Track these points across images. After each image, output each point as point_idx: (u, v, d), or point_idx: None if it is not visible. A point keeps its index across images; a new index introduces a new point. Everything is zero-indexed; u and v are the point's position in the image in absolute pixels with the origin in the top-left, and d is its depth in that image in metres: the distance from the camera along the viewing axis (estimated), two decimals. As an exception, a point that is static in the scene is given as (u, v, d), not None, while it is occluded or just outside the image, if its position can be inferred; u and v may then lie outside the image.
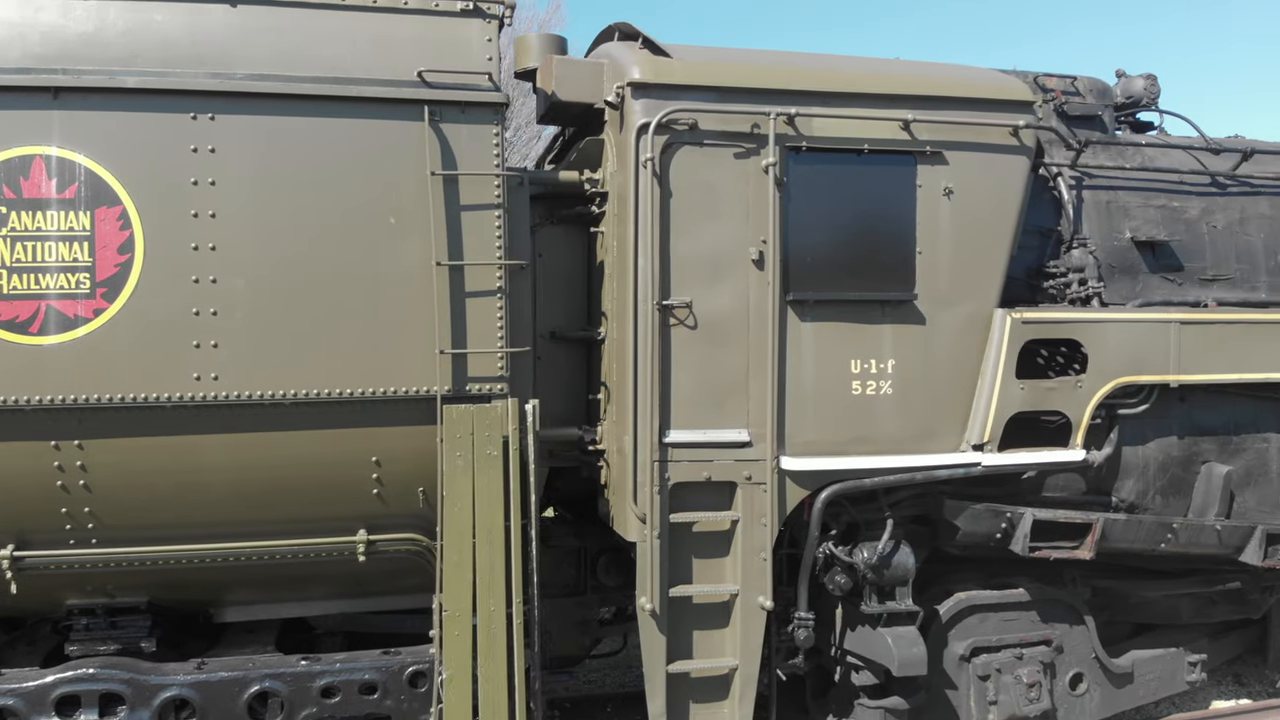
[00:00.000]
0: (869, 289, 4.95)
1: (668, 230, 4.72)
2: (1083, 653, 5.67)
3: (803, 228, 4.87)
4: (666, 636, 4.80)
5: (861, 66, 5.10)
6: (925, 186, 5.00)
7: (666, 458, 4.75)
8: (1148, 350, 5.26)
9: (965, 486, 5.26)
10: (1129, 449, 5.47)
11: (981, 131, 5.05)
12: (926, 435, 5.04)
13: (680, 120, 4.70)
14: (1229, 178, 6.01)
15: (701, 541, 4.88)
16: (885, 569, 5.05)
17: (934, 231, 5.02)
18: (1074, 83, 5.97)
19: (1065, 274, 5.52)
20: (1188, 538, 5.50)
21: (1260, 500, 5.71)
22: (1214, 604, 6.24)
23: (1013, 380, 5.04)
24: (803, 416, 4.89)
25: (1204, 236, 5.85)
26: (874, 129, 4.92)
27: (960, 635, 5.44)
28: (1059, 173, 5.67)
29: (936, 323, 5.04)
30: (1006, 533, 5.23)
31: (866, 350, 4.96)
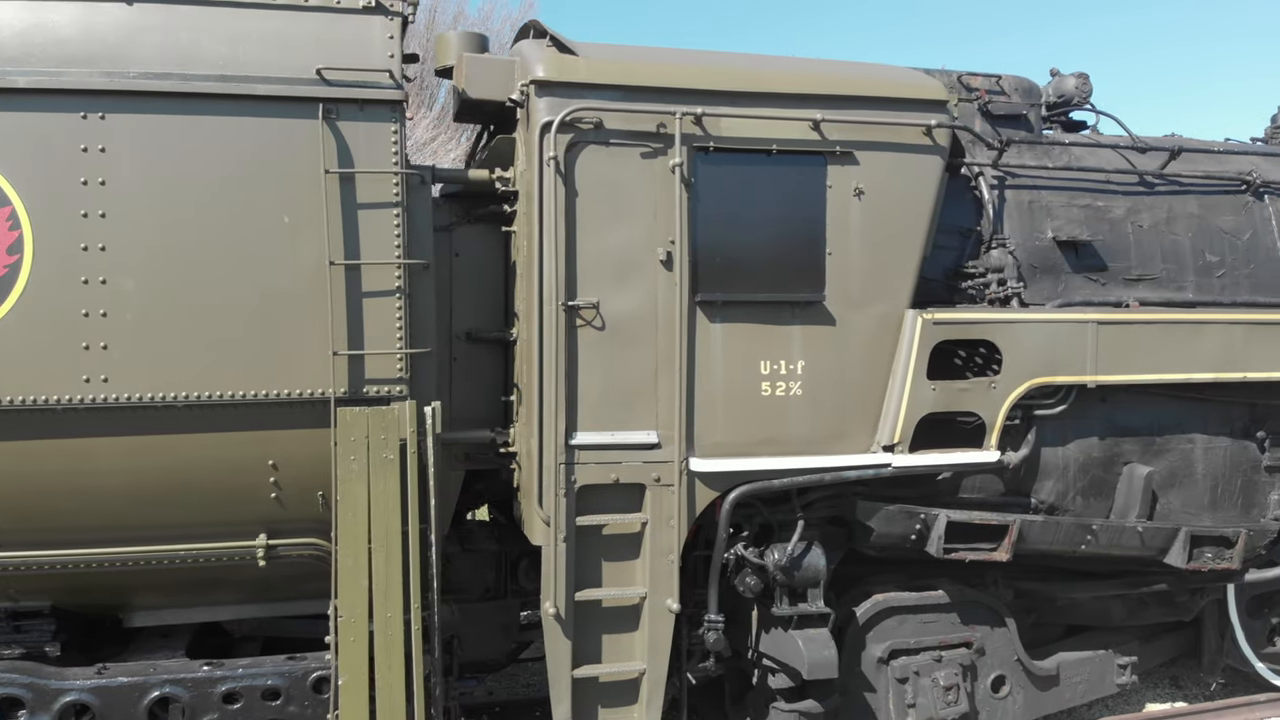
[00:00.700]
0: (779, 290, 4.91)
1: (573, 230, 4.67)
2: (1005, 655, 5.64)
3: (712, 228, 4.83)
4: (572, 641, 4.75)
5: (771, 65, 5.05)
6: (835, 187, 4.95)
7: (573, 460, 4.70)
8: (1064, 351, 5.23)
9: (882, 488, 5.22)
10: (1048, 450, 5.44)
11: (893, 131, 5.01)
12: (837, 436, 5.00)
13: (584, 119, 4.65)
14: (1157, 177, 5.99)
15: (611, 544, 4.83)
16: (796, 571, 5.01)
17: (844, 232, 4.98)
18: (999, 82, 5.93)
19: (984, 274, 5.48)
20: (1108, 539, 5.48)
21: (1185, 502, 5.69)
22: (1146, 606, 6.22)
23: (924, 381, 5.01)
24: (712, 418, 4.85)
25: (1129, 236, 5.82)
26: (783, 129, 4.88)
27: (878, 637, 5.41)
28: (980, 172, 5.64)
29: (847, 324, 5.00)
30: (921, 534, 5.19)
31: (776, 351, 4.92)
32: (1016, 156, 5.84)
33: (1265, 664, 6.50)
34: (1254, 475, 5.85)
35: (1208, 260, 5.93)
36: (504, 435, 5.05)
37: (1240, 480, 5.80)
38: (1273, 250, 6.08)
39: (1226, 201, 6.09)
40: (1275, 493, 5.90)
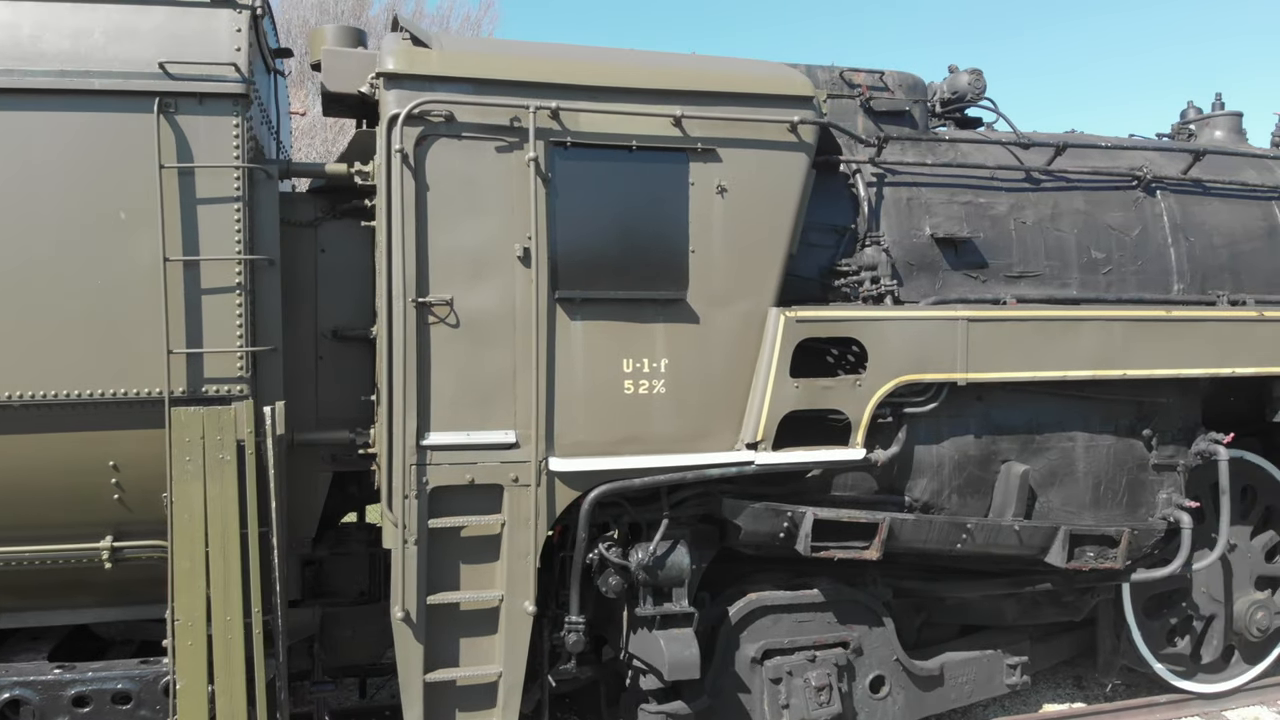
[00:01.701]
0: (641, 287, 4.84)
1: (424, 224, 4.60)
2: (884, 655, 5.59)
3: (571, 224, 4.76)
4: (425, 644, 4.67)
5: (633, 60, 5.00)
6: (698, 184, 4.90)
7: (425, 461, 4.62)
8: (932, 348, 5.18)
9: (752, 485, 5.17)
10: (922, 448, 5.40)
11: (756, 128, 4.96)
12: (701, 434, 4.94)
13: (434, 112, 4.58)
14: (1044, 173, 5.96)
15: (470, 546, 4.76)
16: (660, 570, 4.96)
17: (707, 230, 4.92)
18: (882, 77, 5.89)
19: (857, 272, 5.44)
20: (985, 538, 5.44)
21: (1065, 500, 5.65)
22: (1039, 606, 6.19)
23: (786, 379, 4.95)
24: (572, 416, 4.78)
25: (1011, 233, 5.79)
26: (644, 125, 4.82)
27: (752, 637, 5.35)
28: (858, 169, 5.60)
29: (711, 321, 4.94)
30: (790, 532, 5.14)
31: (639, 349, 4.86)
32: (900, 154, 5.80)
33: (1165, 665, 6.47)
34: (1141, 474, 5.81)
35: (1093, 257, 5.91)
36: (364, 436, 4.98)
37: (1126, 479, 5.76)
38: (1163, 247, 6.06)
39: (1116, 197, 6.06)
40: (1164, 491, 5.86)
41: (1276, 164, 6.76)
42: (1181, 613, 6.46)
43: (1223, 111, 7.26)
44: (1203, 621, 6.52)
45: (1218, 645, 6.57)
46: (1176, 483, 5.88)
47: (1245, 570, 6.56)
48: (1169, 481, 5.87)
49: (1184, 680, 6.54)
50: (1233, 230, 6.26)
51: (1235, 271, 6.20)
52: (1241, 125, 7.28)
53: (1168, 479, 5.87)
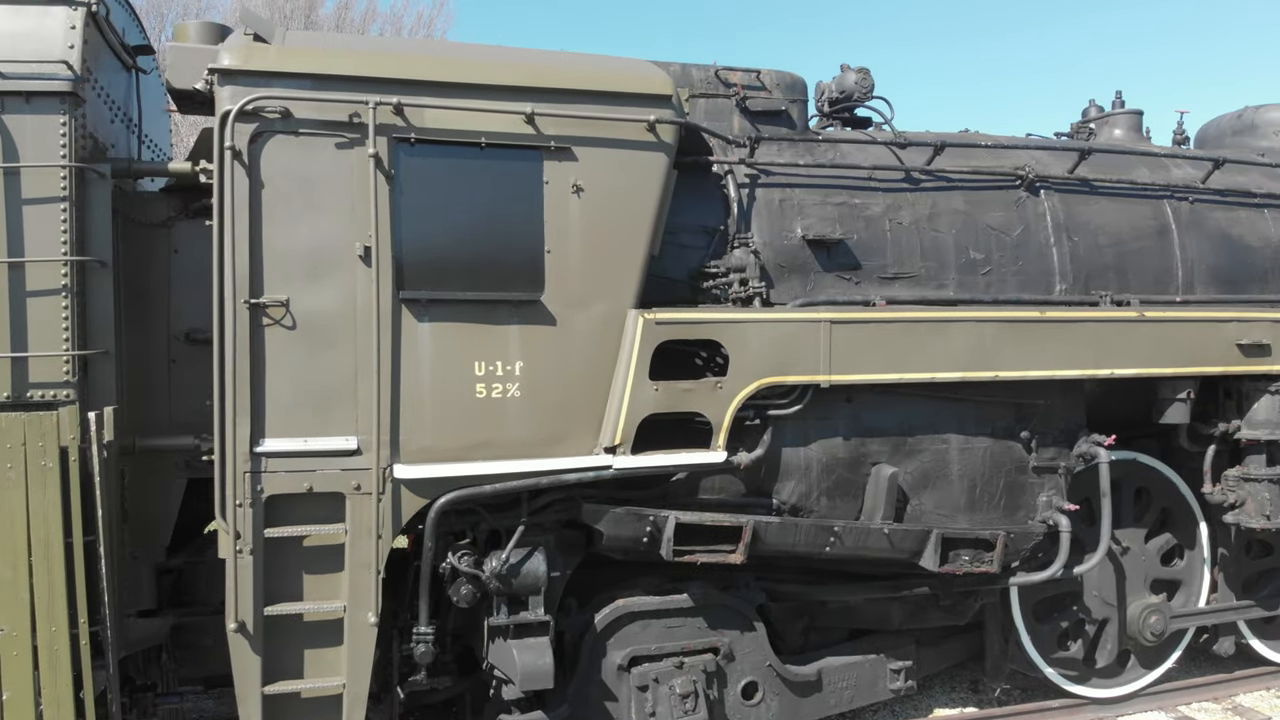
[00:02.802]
0: (493, 288, 4.75)
1: (259, 223, 4.48)
2: (757, 660, 5.51)
3: (418, 223, 4.66)
4: (263, 656, 4.54)
5: (481, 56, 4.90)
6: (553, 183, 4.81)
7: (260, 468, 4.50)
8: (795, 350, 5.11)
9: (616, 490, 5.09)
10: (789, 450, 5.33)
11: (613, 126, 4.87)
12: (558, 439, 4.85)
13: (269, 108, 4.47)
14: (924, 173, 5.90)
15: (312, 556, 4.64)
16: (514, 578, 4.86)
17: (564, 230, 4.83)
18: (759, 76, 5.82)
19: (726, 274, 5.36)
20: (854, 541, 5.37)
21: (939, 503, 5.59)
22: (925, 609, 6.13)
23: (645, 382, 4.86)
24: (420, 421, 4.67)
25: (886, 234, 5.73)
26: (494, 121, 4.72)
27: (619, 644, 5.26)
28: (730, 170, 5.52)
29: (568, 323, 4.85)
30: (654, 536, 5.05)
31: (492, 352, 4.76)
32: (775, 154, 5.73)
33: (1056, 669, 6.42)
34: (1019, 476, 5.76)
35: (972, 257, 5.85)
36: (209, 441, 4.85)
37: (1003, 481, 5.71)
38: (1045, 247, 6.01)
39: (997, 197, 6.01)
40: (1045, 494, 5.81)
41: (1172, 162, 6.73)
42: (1073, 616, 6.41)
43: (1122, 110, 7.25)
44: (1095, 625, 6.46)
45: (1112, 649, 6.51)
46: (1058, 485, 5.83)
47: (1139, 573, 6.52)
48: (1050, 484, 5.82)
49: (1077, 685, 6.48)
50: (1120, 229, 6.22)
51: (1122, 271, 6.15)
52: (1141, 124, 7.27)
53: (1049, 481, 5.82)
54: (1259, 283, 6.59)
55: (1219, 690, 6.91)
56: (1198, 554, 6.72)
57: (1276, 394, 6.15)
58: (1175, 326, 5.78)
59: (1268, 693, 7.00)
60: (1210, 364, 5.89)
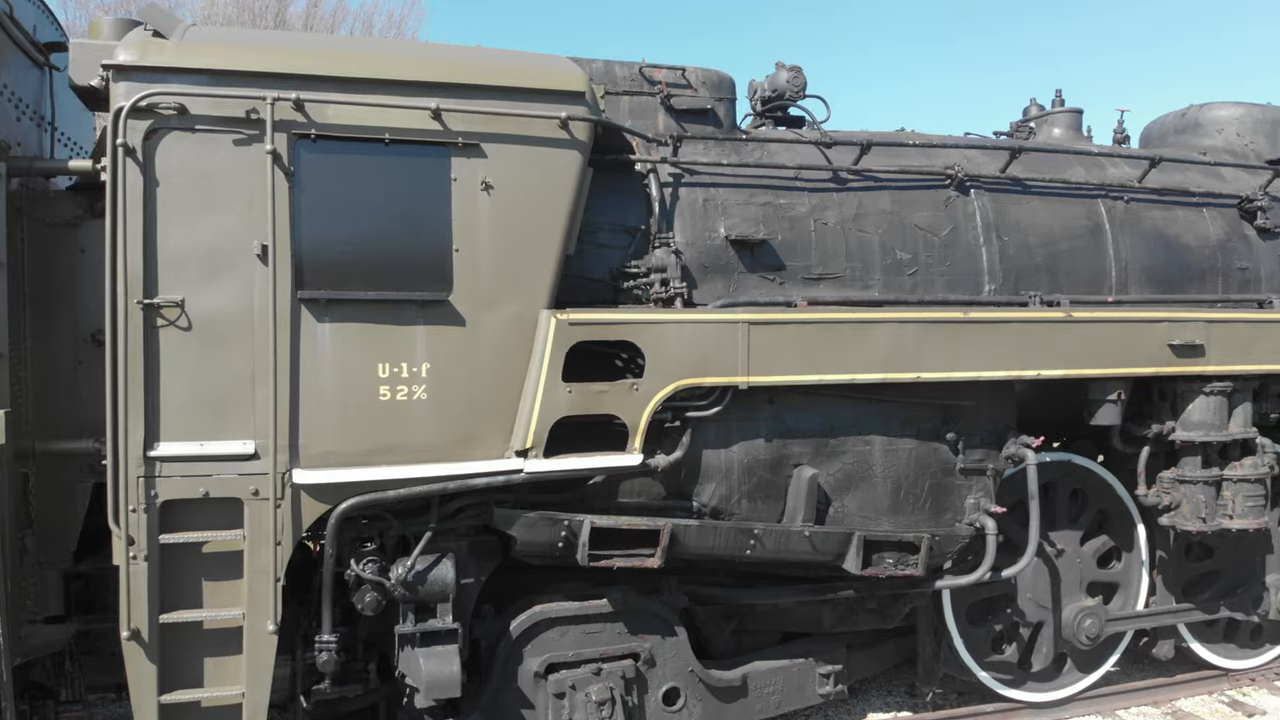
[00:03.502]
0: (398, 288, 4.65)
1: (153, 222, 4.37)
2: (679, 666, 5.42)
3: (318, 221, 4.55)
4: (159, 665, 4.43)
5: (386, 50, 4.81)
6: (461, 180, 4.71)
7: (154, 473, 4.39)
8: (713, 352, 5.02)
9: (531, 494, 5.00)
10: (710, 452, 5.24)
11: (525, 123, 4.78)
12: (467, 442, 4.75)
13: (163, 104, 4.36)
14: (852, 173, 5.83)
15: (211, 562, 4.52)
16: (421, 585, 4.76)
17: (472, 228, 4.73)
18: (684, 74, 5.73)
19: (647, 274, 5.27)
20: (775, 544, 5.29)
21: (862, 505, 5.52)
22: (856, 612, 6.06)
23: (558, 384, 4.77)
24: (320, 425, 4.56)
25: (811, 234, 5.65)
26: (399, 117, 4.62)
27: (536, 650, 5.17)
28: (653, 169, 5.43)
29: (477, 324, 4.75)
30: (569, 541, 4.96)
31: (397, 353, 4.66)
32: (701, 153, 5.65)
33: (991, 673, 6.36)
34: (945, 478, 5.69)
35: (898, 258, 5.78)
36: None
37: (929, 483, 5.64)
38: (974, 247, 5.95)
39: (926, 197, 5.94)
40: (972, 496, 5.75)
41: (1109, 161, 6.68)
42: (1007, 619, 6.35)
43: (1062, 109, 7.21)
44: (1030, 628, 6.41)
45: (1048, 653, 6.45)
46: (986, 487, 5.76)
47: (1074, 576, 6.46)
48: (978, 486, 5.75)
49: (1012, 689, 6.43)
50: (1052, 229, 6.16)
51: (1053, 271, 6.10)
52: (1081, 122, 7.24)
53: (976, 483, 5.75)
54: (1196, 282, 6.55)
55: (1159, 694, 6.86)
56: (1135, 556, 6.67)
57: (1211, 395, 6.10)
58: (1104, 327, 5.73)
59: (1209, 697, 6.95)
60: (1141, 365, 5.84)
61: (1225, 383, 6.10)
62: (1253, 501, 6.25)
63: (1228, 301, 6.56)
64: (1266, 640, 7.28)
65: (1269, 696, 6.96)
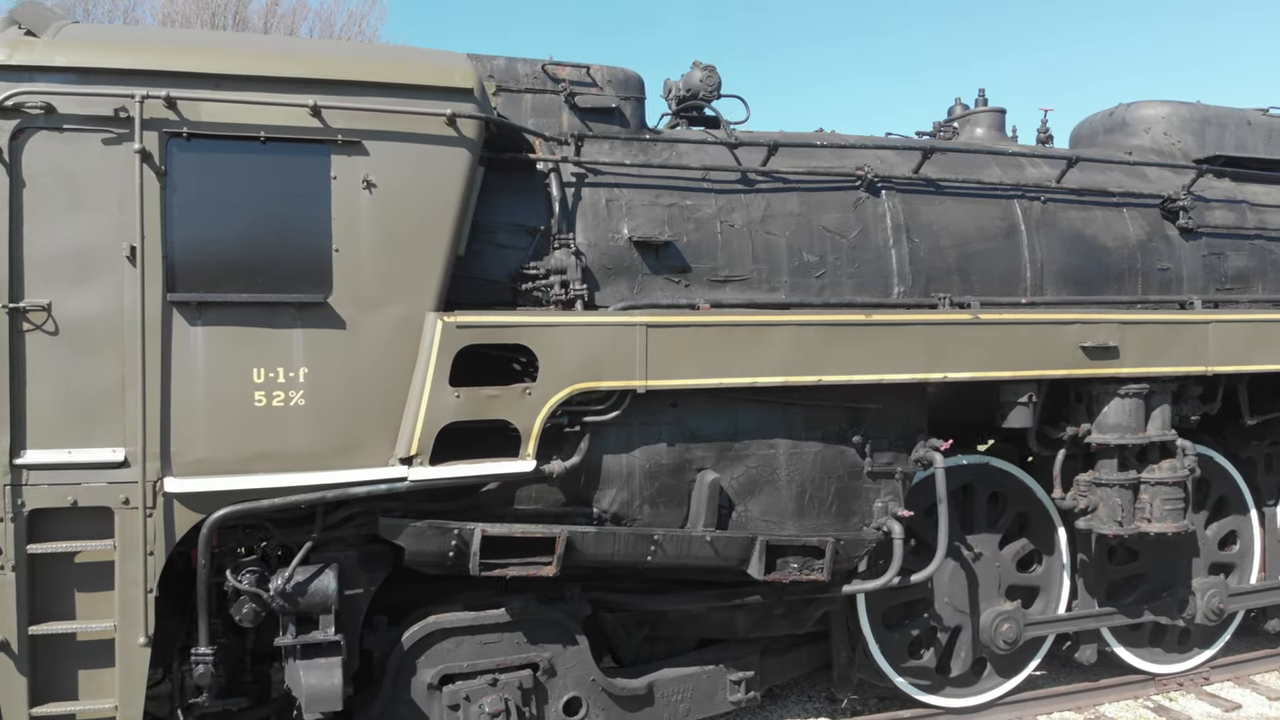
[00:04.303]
0: (274, 290, 4.53)
1: (19, 224, 4.25)
2: (580, 675, 5.33)
3: (191, 221, 4.44)
4: (30, 677, 4.31)
5: (264, 47, 4.71)
6: (341, 178, 4.61)
7: (21, 481, 4.27)
8: (610, 355, 4.93)
9: (422, 502, 4.89)
10: (611, 457, 5.16)
11: (409, 120, 4.68)
12: (349, 449, 4.64)
13: (29, 103, 4.24)
14: (760, 174, 5.75)
15: (83, 573, 4.40)
16: (301, 597, 4.64)
17: (353, 228, 4.63)
18: (589, 72, 5.64)
19: (546, 275, 5.17)
20: (676, 550, 5.21)
21: (766, 509, 5.44)
22: (771, 618, 5.97)
23: (445, 389, 4.67)
24: (193, 432, 4.45)
25: (717, 236, 5.57)
26: (277, 115, 4.51)
27: (430, 662, 5.07)
28: (554, 168, 5.34)
29: (360, 327, 4.65)
30: (460, 550, 4.86)
31: (273, 357, 4.54)
32: (608, 153, 5.56)
33: (907, 678, 6.29)
34: (853, 481, 5.62)
35: (805, 260, 5.71)
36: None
37: (835, 486, 5.57)
38: (883, 249, 5.88)
39: (835, 198, 5.87)
40: (880, 500, 5.68)
41: (1029, 161, 6.63)
42: (924, 624, 6.29)
43: (985, 108, 7.16)
44: (948, 633, 6.35)
45: (966, 657, 6.40)
46: (895, 490, 5.70)
47: (993, 580, 6.40)
48: (886, 489, 5.69)
49: (930, 694, 6.36)
50: (965, 230, 6.10)
51: (965, 273, 6.04)
52: (1004, 122, 7.19)
53: (885, 487, 5.69)
54: (1115, 283, 6.50)
55: (1082, 699, 6.80)
56: (1056, 560, 6.62)
57: (1127, 397, 6.06)
58: (1014, 329, 5.67)
59: (1134, 702, 6.90)
60: (1053, 367, 5.78)
61: (1141, 385, 6.05)
62: (1171, 505, 6.21)
63: (1147, 302, 6.52)
64: (1195, 644, 7.23)
65: (1195, 702, 6.92)
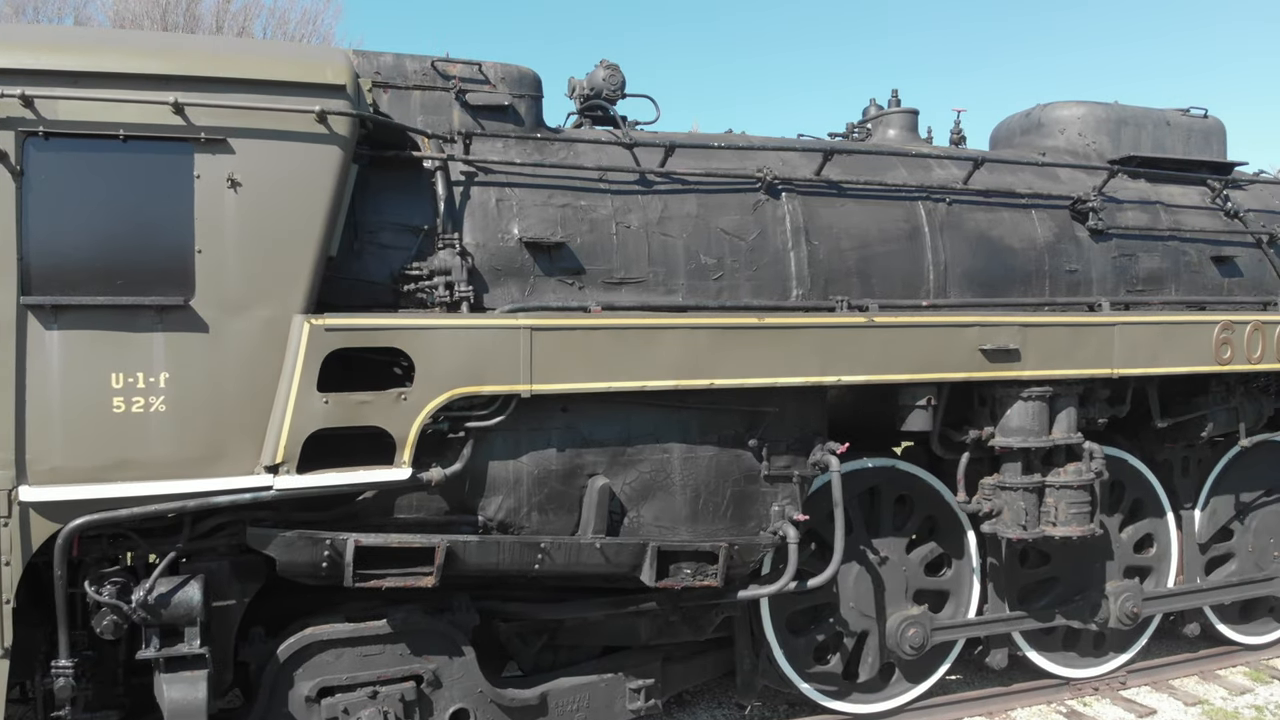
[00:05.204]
0: (134, 292, 4.38)
1: None
2: (468, 686, 5.20)
3: (48, 222, 4.27)
4: None
5: (124, 43, 4.56)
6: (205, 177, 4.46)
7: None
8: (492, 359, 4.81)
9: (296, 511, 4.75)
10: (497, 463, 5.04)
11: (277, 117, 4.54)
12: (213, 457, 4.49)
13: (-125, 104, 4.07)
14: (659, 175, 5.66)
15: (-59, 585, 4.24)
16: (164, 609, 4.49)
17: (217, 228, 4.48)
18: (481, 69, 5.52)
19: (430, 276, 5.05)
20: (565, 557, 5.10)
21: (659, 515, 5.34)
22: (674, 624, 5.88)
23: (313, 394, 4.53)
24: (48, 439, 4.28)
25: (613, 237, 5.47)
26: (137, 112, 4.36)
27: (309, 674, 4.92)
28: (441, 166, 5.21)
29: (223, 330, 4.50)
30: (334, 561, 4.72)
31: (132, 362, 4.38)
32: (502, 151, 5.44)
33: (813, 684, 6.22)
34: (749, 486, 5.54)
35: (703, 262, 5.62)
36: None
37: (731, 491, 5.48)
38: (782, 251, 5.80)
39: (734, 200, 5.79)
40: (778, 504, 5.61)
41: (937, 163, 6.59)
42: (830, 629, 6.23)
43: (898, 109, 7.12)
44: (854, 638, 6.29)
45: (874, 663, 6.34)
46: (792, 494, 5.63)
47: (900, 584, 6.35)
48: (784, 493, 5.61)
49: (836, 700, 6.30)
50: (867, 232, 6.04)
51: (866, 275, 5.97)
52: (917, 123, 7.15)
53: (783, 490, 5.61)
54: (1021, 285, 6.47)
55: (993, 705, 6.76)
56: (966, 563, 6.58)
57: (1029, 400, 6.02)
58: (911, 332, 5.61)
59: (1047, 707, 6.88)
60: (952, 370, 5.73)
61: (1044, 388, 6.02)
62: (1077, 509, 6.18)
63: (1054, 304, 6.50)
64: (1111, 648, 7.21)
65: (1110, 707, 6.90)
